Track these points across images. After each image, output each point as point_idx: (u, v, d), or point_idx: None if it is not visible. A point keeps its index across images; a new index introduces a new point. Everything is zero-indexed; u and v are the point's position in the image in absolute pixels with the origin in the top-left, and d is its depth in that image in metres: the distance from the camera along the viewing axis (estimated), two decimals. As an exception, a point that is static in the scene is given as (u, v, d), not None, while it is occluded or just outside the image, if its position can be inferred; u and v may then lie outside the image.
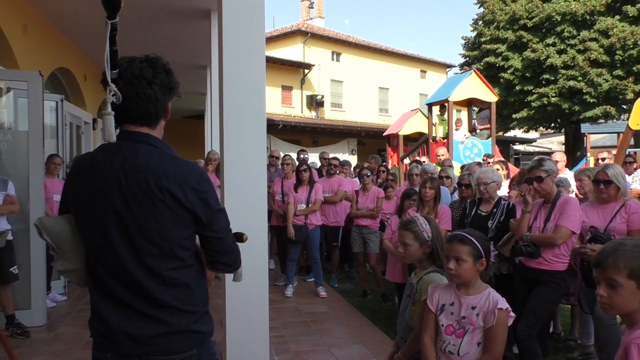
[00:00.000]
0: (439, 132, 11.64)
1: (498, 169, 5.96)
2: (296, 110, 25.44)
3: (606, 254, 1.65)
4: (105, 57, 1.59)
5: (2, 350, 3.88)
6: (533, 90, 20.87)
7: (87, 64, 10.99)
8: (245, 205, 3.34)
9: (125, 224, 1.63)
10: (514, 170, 7.97)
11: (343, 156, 18.39)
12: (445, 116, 11.45)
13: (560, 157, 6.91)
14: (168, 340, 1.66)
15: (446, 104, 11.37)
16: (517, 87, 21.27)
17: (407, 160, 11.55)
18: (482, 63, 22.09)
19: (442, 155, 8.65)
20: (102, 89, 1.65)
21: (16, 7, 7.03)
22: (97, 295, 1.70)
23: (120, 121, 1.71)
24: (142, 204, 1.62)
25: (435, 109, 11.81)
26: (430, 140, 11.41)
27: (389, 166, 11.27)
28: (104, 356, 1.69)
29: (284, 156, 7.69)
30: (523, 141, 29.20)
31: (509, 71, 21.27)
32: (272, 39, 26.36)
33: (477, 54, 22.96)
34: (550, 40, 20.37)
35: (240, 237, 1.86)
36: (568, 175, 6.29)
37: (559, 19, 20.01)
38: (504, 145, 23.11)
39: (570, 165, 10.26)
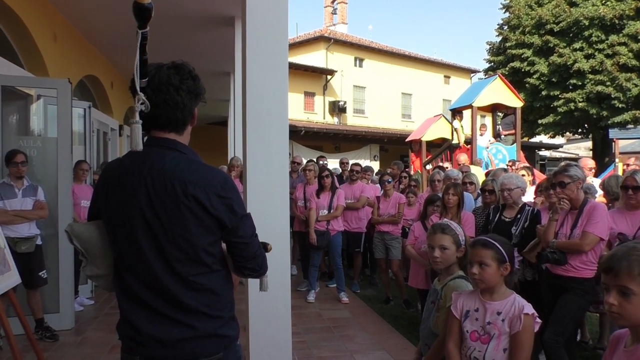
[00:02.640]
0: (461, 139, 11.55)
1: (523, 175, 5.88)
2: (318, 116, 25.49)
3: (618, 259, 1.50)
4: (135, 66, 1.60)
5: (32, 354, 3.97)
6: (560, 96, 20.51)
7: (114, 71, 11.22)
8: (267, 211, 3.35)
9: (153, 230, 1.65)
10: (540, 177, 7.85)
11: (365, 162, 18.38)
12: (462, 123, 11.41)
13: (591, 164, 6.76)
14: (195, 344, 1.68)
15: (462, 111, 11.31)
16: (543, 93, 20.93)
17: (429, 166, 11.48)
18: (507, 68, 21.83)
19: (464, 162, 8.53)
20: (130, 96, 1.67)
21: (47, 17, 7.22)
22: (125, 299, 1.73)
23: (148, 127, 1.73)
24: (168, 210, 1.64)
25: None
26: (457, 146, 11.33)
27: (412, 172, 11.21)
28: (132, 359, 1.72)
29: (306, 162, 7.71)
30: (549, 147, 28.75)
31: (534, 76, 20.96)
32: (295, 45, 26.49)
33: (502, 59, 22.69)
34: (577, 45, 20.02)
35: (264, 246, 1.86)
36: (595, 182, 6.17)
37: (587, 24, 19.66)
38: (530, 151, 22.78)
39: (598, 171, 10.05)
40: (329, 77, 25.70)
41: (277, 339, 3.41)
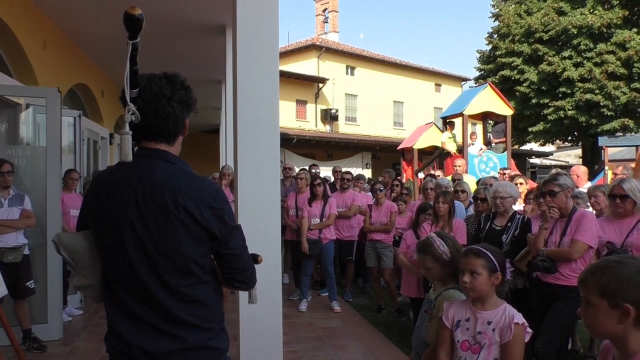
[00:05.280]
0: (452, 148, 11.58)
1: (521, 183, 5.91)
2: (310, 124, 25.54)
3: (589, 272, 1.56)
4: (126, 77, 1.60)
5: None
6: (549, 104, 20.70)
7: (105, 80, 11.18)
8: (259, 219, 3.34)
9: (142, 240, 1.63)
10: (531, 184, 7.89)
11: (357, 170, 18.38)
12: (453, 132, 11.44)
13: (582, 171, 6.71)
14: (184, 356, 1.66)
15: (453, 120, 11.36)
16: (533, 101, 21.11)
17: (421, 174, 11.50)
18: (497, 76, 22.01)
19: (460, 166, 8.52)
20: (121, 106, 1.67)
21: (36, 24, 7.18)
22: (113, 310, 1.71)
23: (139, 138, 1.73)
24: (158, 221, 1.62)
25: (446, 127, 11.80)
26: (448, 155, 11.36)
27: (403, 180, 11.23)
28: None
29: (298, 171, 7.70)
30: (539, 154, 28.95)
31: (524, 84, 21.15)
32: (287, 54, 26.57)
33: (492, 68, 22.87)
34: (566, 54, 20.25)
35: (255, 258, 1.85)
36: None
37: (575, 32, 19.89)
38: (520, 158, 22.92)
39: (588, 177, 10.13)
40: (320, 85, 25.78)
41: (268, 349, 3.39)
